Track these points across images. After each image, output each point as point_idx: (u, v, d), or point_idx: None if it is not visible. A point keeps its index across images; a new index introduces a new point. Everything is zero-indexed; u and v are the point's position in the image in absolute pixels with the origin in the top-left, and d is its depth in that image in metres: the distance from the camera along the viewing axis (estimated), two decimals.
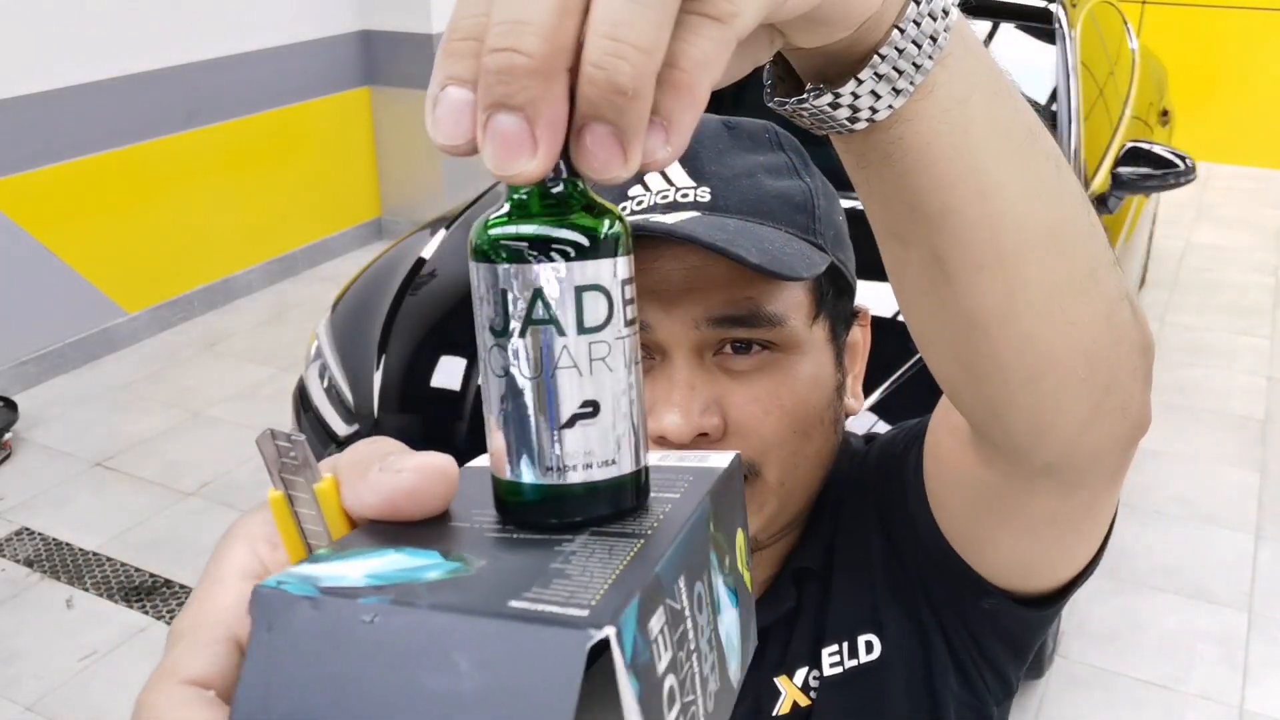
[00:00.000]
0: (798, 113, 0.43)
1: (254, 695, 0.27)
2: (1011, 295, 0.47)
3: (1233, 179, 6.39)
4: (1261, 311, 4.64)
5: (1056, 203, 0.47)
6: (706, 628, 0.33)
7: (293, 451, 0.33)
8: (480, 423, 0.36)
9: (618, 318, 0.32)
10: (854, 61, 0.41)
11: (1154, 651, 2.67)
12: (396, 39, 4.95)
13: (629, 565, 0.29)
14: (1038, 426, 0.53)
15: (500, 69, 0.28)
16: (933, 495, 0.71)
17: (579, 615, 0.25)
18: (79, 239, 3.94)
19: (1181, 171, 3.17)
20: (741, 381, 0.71)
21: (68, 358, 3.95)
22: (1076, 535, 0.66)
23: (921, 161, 0.44)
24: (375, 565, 0.29)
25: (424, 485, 0.32)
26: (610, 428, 0.32)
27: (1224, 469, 3.46)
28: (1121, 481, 0.62)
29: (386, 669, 0.26)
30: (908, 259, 0.49)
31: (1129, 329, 0.52)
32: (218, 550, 0.34)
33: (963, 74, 0.43)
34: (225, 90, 4.38)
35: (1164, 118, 4.40)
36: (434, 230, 2.75)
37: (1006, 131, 0.45)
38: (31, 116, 3.69)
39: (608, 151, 0.29)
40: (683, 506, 0.34)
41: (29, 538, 3.04)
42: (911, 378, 1.98)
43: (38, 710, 2.46)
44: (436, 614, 0.26)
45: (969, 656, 0.76)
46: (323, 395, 2.34)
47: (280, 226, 4.79)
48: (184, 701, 0.28)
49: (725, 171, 0.73)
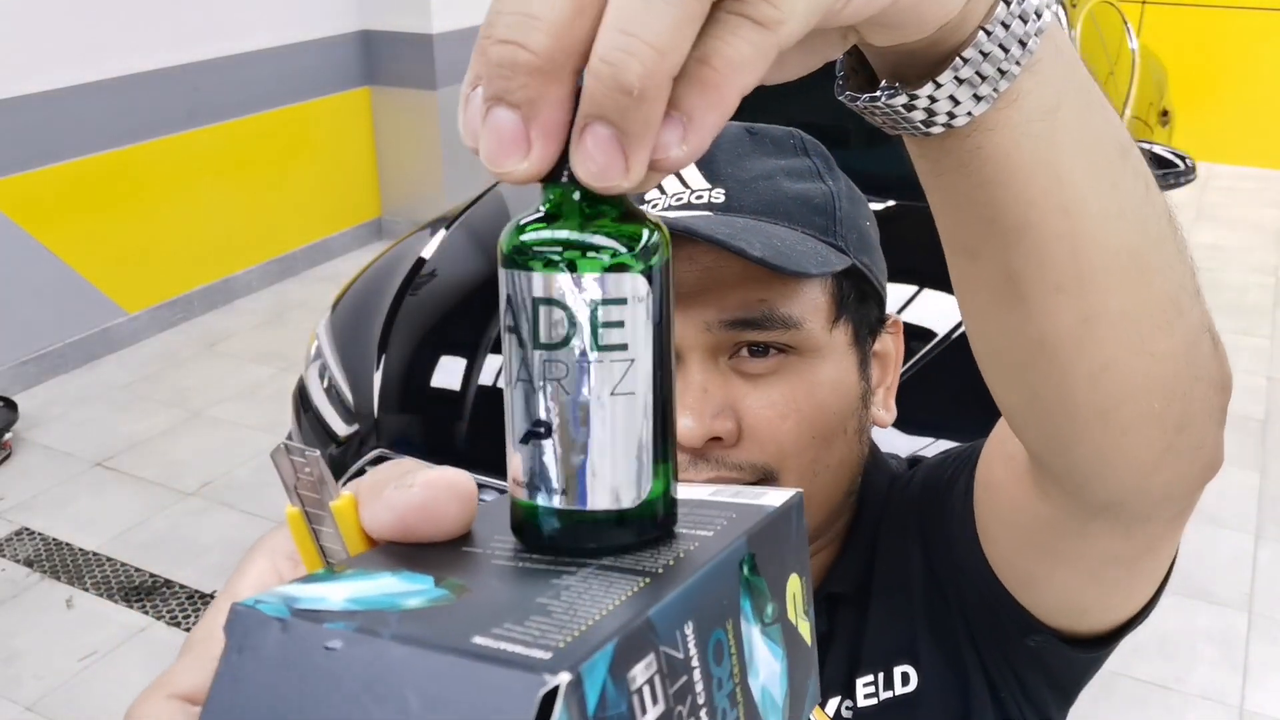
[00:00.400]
0: (870, 110, 0.40)
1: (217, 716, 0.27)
2: (1088, 321, 0.44)
3: (1233, 179, 6.39)
4: (1261, 311, 4.63)
5: (1143, 225, 0.44)
6: (728, 681, 0.30)
7: (308, 467, 0.32)
8: (479, 423, 0.36)
9: (581, 339, 0.29)
10: (934, 61, 0.37)
11: (1154, 651, 2.67)
12: (396, 39, 4.95)
13: (621, 606, 0.27)
14: (1105, 463, 0.50)
15: (501, 62, 0.26)
16: (982, 526, 0.68)
17: (540, 658, 0.24)
18: (79, 239, 3.94)
19: (1181, 171, 3.17)
20: (757, 385, 0.69)
21: (68, 358, 3.95)
22: (1135, 576, 0.63)
23: (1001, 174, 0.40)
24: (363, 589, 0.28)
25: (433, 500, 0.31)
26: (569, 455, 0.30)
27: (1224, 469, 3.44)
28: (1185, 521, 0.59)
29: (340, 699, 0.25)
30: (978, 275, 0.46)
31: (1209, 364, 0.48)
32: (241, 564, 0.33)
33: (1053, 83, 0.39)
34: (225, 90, 4.38)
35: (1164, 118, 4.40)
36: (434, 230, 2.75)
37: (1095, 147, 0.42)
38: (31, 116, 3.69)
39: (607, 156, 0.27)
40: (709, 547, 0.31)
41: (29, 538, 3.04)
42: (912, 378, 1.98)
43: (38, 710, 2.46)
44: (395, 645, 0.25)
45: (1009, 695, 0.73)
46: (323, 395, 2.34)
47: (280, 226, 4.79)
48: (169, 715, 0.28)
49: (743, 174, 0.71)
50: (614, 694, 0.25)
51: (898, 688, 0.74)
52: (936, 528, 0.74)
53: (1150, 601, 0.67)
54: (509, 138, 0.27)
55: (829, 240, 0.70)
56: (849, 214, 0.73)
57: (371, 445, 2.10)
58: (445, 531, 0.31)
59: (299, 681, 0.26)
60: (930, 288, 2.18)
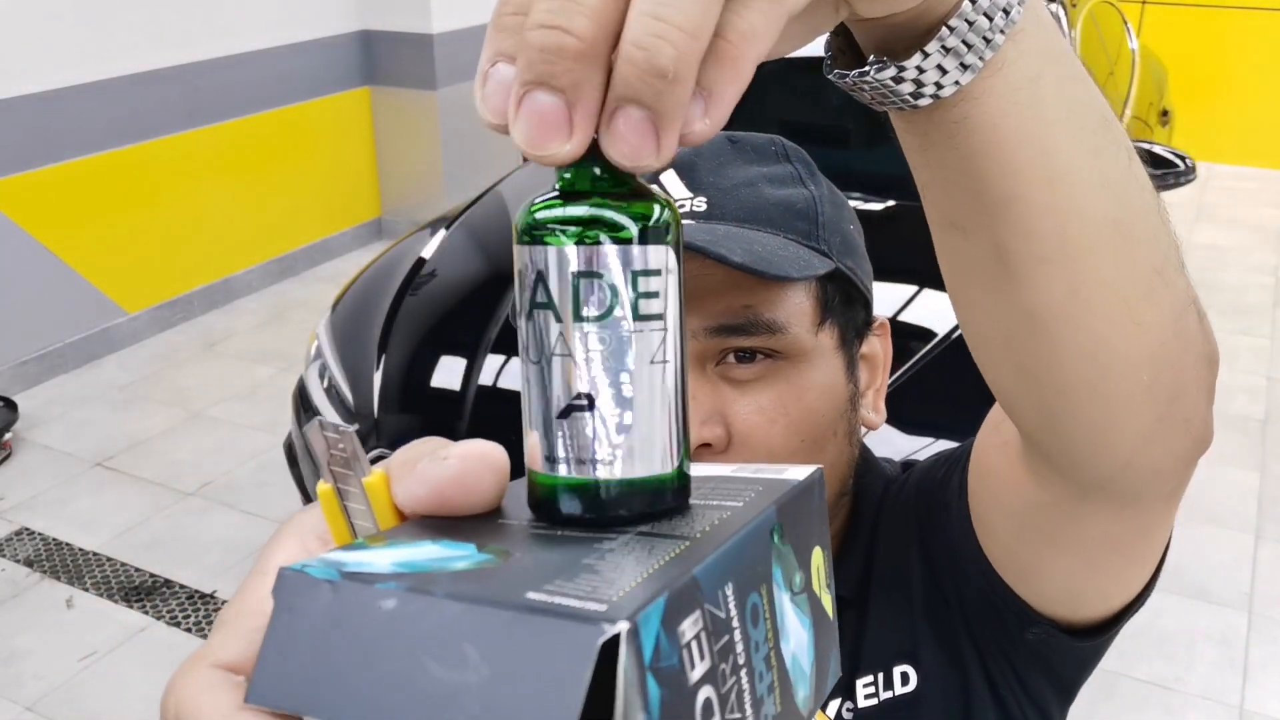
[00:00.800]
0: (858, 86, 0.41)
1: (270, 678, 0.27)
2: (1075, 292, 0.45)
3: (1233, 179, 6.39)
4: (1261, 311, 4.63)
5: (1127, 195, 0.45)
6: (764, 645, 0.30)
7: (341, 444, 0.32)
8: (479, 423, 0.36)
9: (623, 309, 0.30)
10: (920, 33, 0.38)
11: (1154, 651, 2.67)
12: (396, 39, 4.95)
13: (666, 565, 0.27)
14: (1097, 438, 0.51)
15: (546, 47, 0.27)
16: (978, 518, 0.69)
17: (596, 610, 0.24)
18: (79, 239, 3.94)
19: (1181, 171, 3.17)
20: (745, 391, 0.69)
21: (68, 358, 3.95)
22: (1130, 558, 0.64)
23: (988, 143, 0.41)
24: (406, 555, 0.29)
25: (470, 471, 0.31)
26: (610, 424, 0.31)
27: (1224, 469, 3.46)
28: (1178, 502, 0.59)
29: (397, 656, 0.26)
30: (968, 251, 0.47)
31: (1196, 336, 0.49)
32: (269, 543, 0.34)
33: (1035, 51, 0.40)
34: (225, 90, 4.38)
35: (1164, 118, 4.40)
36: (434, 230, 2.75)
37: (1078, 116, 0.43)
38: (31, 116, 3.69)
39: (640, 136, 0.28)
40: (742, 514, 0.32)
41: (29, 538, 3.04)
42: (911, 378, 1.98)
43: (38, 710, 2.46)
44: (450, 603, 0.25)
45: (1010, 693, 0.73)
46: (323, 395, 2.34)
47: (280, 226, 4.79)
48: (212, 684, 0.29)
49: (724, 182, 0.71)
50: (667, 646, 0.25)
51: (898, 688, 0.74)
52: (933, 526, 0.74)
53: (1145, 588, 0.67)
54: (553, 121, 0.27)
55: (812, 245, 0.71)
56: (831, 218, 0.73)
57: (371, 445, 2.10)
58: (480, 503, 0.32)
59: (353, 641, 0.26)
60: (930, 288, 2.18)
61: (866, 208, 2.43)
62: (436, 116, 4.98)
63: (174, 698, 0.29)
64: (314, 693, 0.26)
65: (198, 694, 0.29)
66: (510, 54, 0.28)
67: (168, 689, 0.30)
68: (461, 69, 4.99)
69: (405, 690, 0.25)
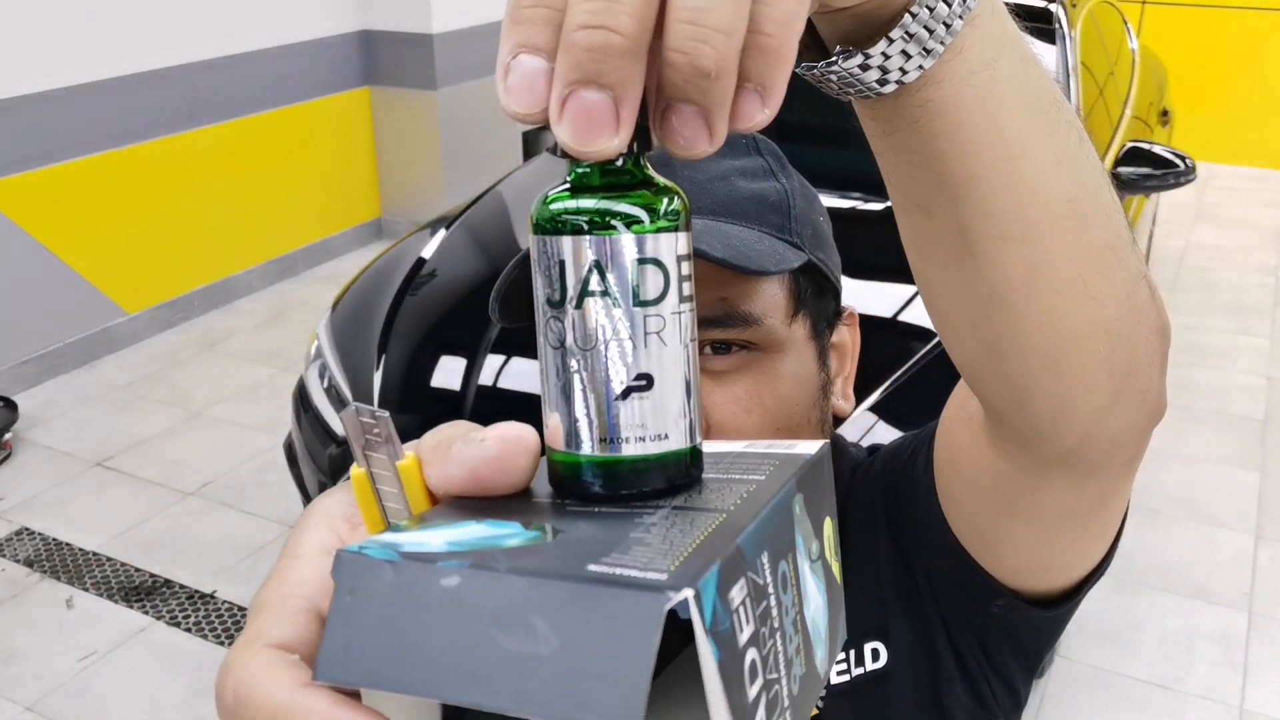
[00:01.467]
0: (825, 77, 0.42)
1: (336, 656, 0.28)
2: (1034, 268, 0.47)
3: (1233, 179, 6.39)
4: (1261, 311, 4.63)
5: (1079, 174, 0.47)
6: (791, 609, 0.32)
7: (376, 428, 0.33)
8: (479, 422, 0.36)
9: (673, 293, 0.32)
10: (884, 22, 0.40)
11: (1154, 651, 2.67)
12: (396, 39, 4.95)
13: (710, 536, 0.29)
14: (1059, 410, 0.53)
15: (594, 46, 0.28)
16: (944, 492, 0.71)
17: (657, 579, 0.25)
18: (79, 239, 3.94)
19: (1181, 171, 3.17)
20: (722, 382, 0.71)
21: (68, 358, 3.95)
22: (1089, 529, 0.66)
23: (948, 125, 0.43)
24: (456, 534, 0.30)
25: (508, 452, 0.32)
26: (663, 402, 0.33)
27: (1224, 469, 3.46)
28: (1135, 473, 0.62)
29: (464, 631, 0.26)
30: (931, 231, 0.49)
31: (1148, 309, 0.51)
32: (297, 529, 0.34)
33: (991, 37, 0.42)
34: (225, 90, 4.38)
35: (1164, 118, 4.40)
36: (434, 230, 2.75)
37: (1032, 98, 0.45)
38: (31, 116, 3.69)
39: (693, 130, 0.29)
40: (768, 487, 0.34)
41: (29, 538, 3.04)
42: (911, 378, 1.98)
43: (38, 710, 2.46)
44: (515, 577, 0.26)
45: (976, 666, 0.76)
46: (323, 395, 2.34)
47: (280, 226, 4.79)
48: (271, 663, 0.29)
49: (698, 176, 0.73)
50: (721, 611, 0.26)
51: (868, 664, 0.76)
52: (900, 504, 0.76)
53: (1105, 558, 0.70)
54: (601, 118, 0.29)
55: (785, 238, 0.73)
56: (803, 211, 0.75)
57: None
58: (515, 483, 0.33)
59: (419, 618, 0.27)
60: None
61: (866, 208, 2.43)
62: (436, 117, 4.98)
63: (231, 679, 0.29)
64: (383, 668, 0.27)
65: (257, 673, 0.29)
66: (534, 45, 0.29)
67: (223, 671, 0.30)
68: (462, 69, 4.99)
69: (477, 664, 0.26)
